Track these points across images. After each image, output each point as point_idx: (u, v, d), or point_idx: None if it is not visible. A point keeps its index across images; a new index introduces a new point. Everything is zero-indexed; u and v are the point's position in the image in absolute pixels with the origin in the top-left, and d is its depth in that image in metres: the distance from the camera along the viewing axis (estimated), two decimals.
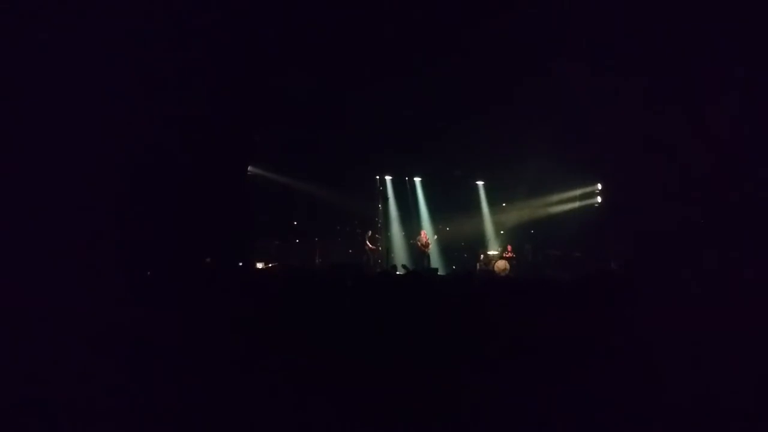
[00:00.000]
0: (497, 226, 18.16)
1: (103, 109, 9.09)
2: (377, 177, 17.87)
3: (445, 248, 17.49)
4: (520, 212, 17.82)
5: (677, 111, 12.43)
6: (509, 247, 16.66)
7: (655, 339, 4.66)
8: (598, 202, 17.44)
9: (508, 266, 16.13)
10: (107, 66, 9.13)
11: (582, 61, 12.24)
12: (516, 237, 17.37)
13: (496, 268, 16.12)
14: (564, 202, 17.81)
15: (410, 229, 17.55)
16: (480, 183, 18.45)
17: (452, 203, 17.69)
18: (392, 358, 4.64)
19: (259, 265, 14.10)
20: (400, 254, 17.09)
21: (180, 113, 10.99)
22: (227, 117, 12.81)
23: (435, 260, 16.80)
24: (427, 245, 16.47)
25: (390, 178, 18.00)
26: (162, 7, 9.77)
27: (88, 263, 7.41)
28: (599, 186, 17.30)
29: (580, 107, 13.82)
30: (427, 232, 17.10)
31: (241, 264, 12.66)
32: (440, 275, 12.46)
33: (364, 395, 4.21)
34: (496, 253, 16.85)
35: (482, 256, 16.94)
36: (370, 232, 16.10)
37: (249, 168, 15.76)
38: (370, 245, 15.96)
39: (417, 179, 18.25)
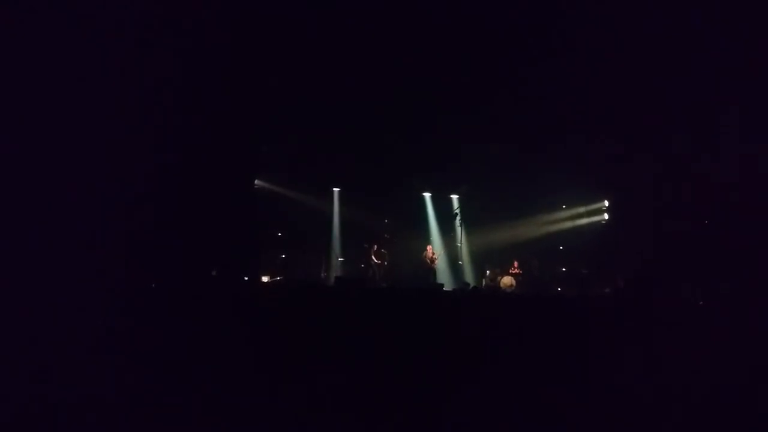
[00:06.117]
0: (475, 248, 17.78)
1: (109, 119, 9.15)
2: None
3: (452, 264, 17.44)
4: (510, 232, 17.60)
5: (685, 127, 12.42)
6: (515, 263, 16.58)
7: (661, 353, 4.64)
8: (605, 219, 17.35)
9: (514, 282, 16.06)
10: (114, 76, 9.20)
11: (588, 72, 12.26)
12: (500, 259, 17.16)
13: (502, 284, 16.05)
14: (566, 219, 17.72)
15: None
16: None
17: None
18: (394, 370, 4.63)
19: (265, 279, 14.09)
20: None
21: (187, 124, 11.05)
22: (234, 130, 12.88)
23: (442, 276, 16.75)
24: (433, 260, 16.43)
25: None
26: (172, 17, 9.88)
27: (94, 275, 7.42)
28: (606, 203, 17.22)
29: (585, 125, 13.86)
30: (436, 247, 17.10)
31: (246, 278, 12.64)
32: (445, 290, 12.49)
33: (367, 404, 4.20)
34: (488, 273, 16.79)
35: (488, 272, 16.86)
36: (375, 246, 16.07)
37: (256, 181, 15.84)
38: (376, 259, 15.92)
39: (427, 195, 18.31)
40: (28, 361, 4.69)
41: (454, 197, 18.14)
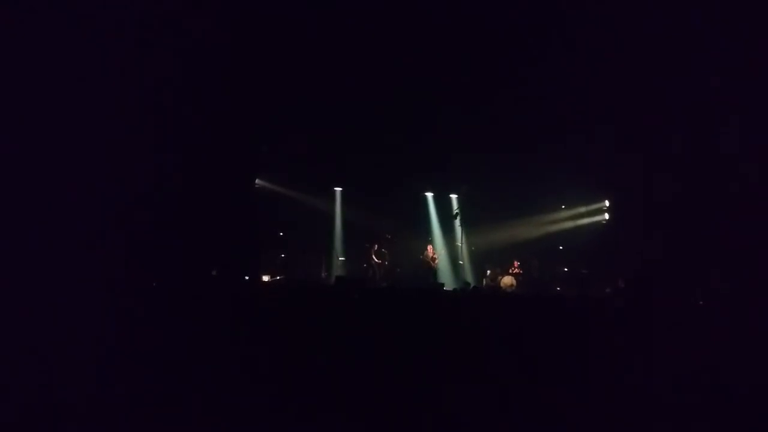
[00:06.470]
0: (475, 248, 17.71)
1: (109, 119, 9.16)
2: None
3: (453, 263, 17.47)
4: (510, 232, 17.55)
5: (685, 127, 12.42)
6: (516, 263, 16.57)
7: (661, 353, 4.63)
8: (605, 219, 17.32)
9: (514, 282, 16.05)
10: (114, 76, 9.21)
11: (588, 72, 12.26)
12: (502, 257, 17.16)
13: (502, 284, 16.05)
14: (567, 219, 17.71)
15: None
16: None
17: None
18: (394, 370, 4.63)
19: (265, 278, 14.10)
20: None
21: (187, 124, 11.06)
22: (234, 130, 12.89)
23: (442, 275, 16.76)
24: (433, 260, 16.43)
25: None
26: (172, 17, 9.89)
27: (94, 275, 7.42)
28: (606, 203, 17.19)
29: (585, 124, 13.87)
30: (437, 247, 17.12)
31: (247, 277, 12.64)
32: (446, 290, 12.49)
33: (367, 404, 4.20)
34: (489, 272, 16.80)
35: (489, 271, 16.86)
36: (376, 246, 16.07)
37: (256, 181, 15.85)
38: (376, 259, 15.93)
39: (429, 194, 18.33)
40: (29, 361, 4.69)
41: (453, 197, 18.17)
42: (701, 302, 9.03)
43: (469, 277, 16.99)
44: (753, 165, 11.24)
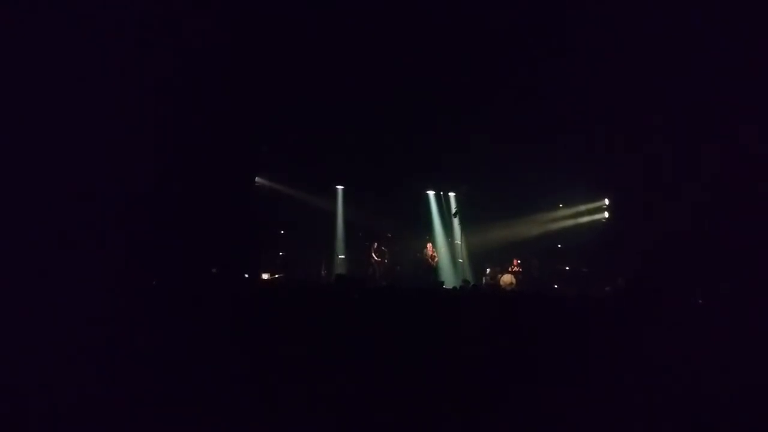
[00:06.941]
0: (475, 246, 17.74)
1: (109, 119, 9.16)
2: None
3: (453, 262, 17.48)
4: (510, 230, 17.52)
5: (685, 127, 12.42)
6: (516, 261, 16.58)
7: (661, 352, 4.64)
8: (605, 218, 17.31)
9: (514, 280, 16.06)
10: (114, 76, 9.22)
11: (588, 72, 12.25)
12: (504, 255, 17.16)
13: (501, 282, 16.05)
14: (567, 218, 17.70)
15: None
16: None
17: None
18: (394, 369, 4.63)
19: (265, 276, 14.11)
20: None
21: (187, 124, 11.07)
22: (234, 130, 12.89)
23: (443, 273, 16.77)
24: (432, 258, 16.44)
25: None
26: (172, 17, 9.90)
27: (94, 275, 7.43)
28: (606, 201, 17.19)
29: (585, 124, 13.88)
30: (438, 245, 17.14)
31: (247, 275, 12.65)
32: (446, 288, 12.51)
33: (367, 404, 4.20)
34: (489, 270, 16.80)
35: (488, 270, 16.86)
36: (376, 244, 16.08)
37: (256, 179, 15.86)
38: (376, 257, 15.93)
39: (431, 193, 18.37)
40: (28, 362, 4.70)
41: (452, 195, 18.18)
42: (701, 302, 9.03)
43: (469, 275, 17.00)
44: (753, 165, 11.24)
